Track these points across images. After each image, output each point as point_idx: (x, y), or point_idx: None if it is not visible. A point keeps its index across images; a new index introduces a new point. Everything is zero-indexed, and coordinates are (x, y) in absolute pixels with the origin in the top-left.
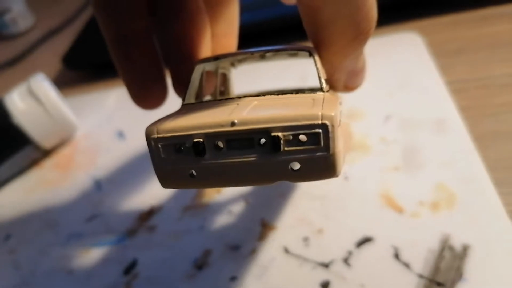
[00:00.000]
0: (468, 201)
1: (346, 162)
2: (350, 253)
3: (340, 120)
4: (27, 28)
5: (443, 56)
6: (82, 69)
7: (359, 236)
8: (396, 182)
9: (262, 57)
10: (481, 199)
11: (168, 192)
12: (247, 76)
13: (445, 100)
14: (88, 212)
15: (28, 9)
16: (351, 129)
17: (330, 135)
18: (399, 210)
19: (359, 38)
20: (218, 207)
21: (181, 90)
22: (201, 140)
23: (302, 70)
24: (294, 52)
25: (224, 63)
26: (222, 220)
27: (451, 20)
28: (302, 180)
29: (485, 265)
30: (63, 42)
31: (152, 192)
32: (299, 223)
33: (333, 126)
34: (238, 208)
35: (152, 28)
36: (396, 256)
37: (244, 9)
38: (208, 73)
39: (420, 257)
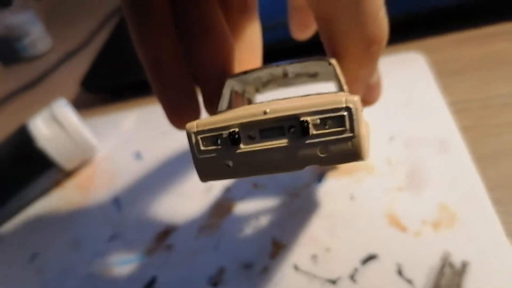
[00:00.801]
0: (468, 219)
1: (369, 153)
2: (356, 270)
3: (362, 110)
4: (46, 51)
5: (446, 76)
6: (100, 92)
7: (364, 254)
8: (400, 202)
9: (285, 75)
10: (481, 218)
11: (184, 211)
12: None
13: (447, 120)
14: (109, 232)
15: (46, 32)
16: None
17: (354, 117)
18: (403, 229)
19: (373, 47)
20: (231, 227)
21: (212, 107)
22: (236, 129)
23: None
24: (314, 64)
25: (249, 87)
26: (235, 239)
27: (455, 39)
28: (331, 163)
29: (483, 281)
30: (80, 63)
31: (169, 212)
32: (308, 241)
33: (356, 109)
34: (250, 227)
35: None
36: (400, 272)
37: (266, 29)
38: (236, 95)
39: (422, 273)
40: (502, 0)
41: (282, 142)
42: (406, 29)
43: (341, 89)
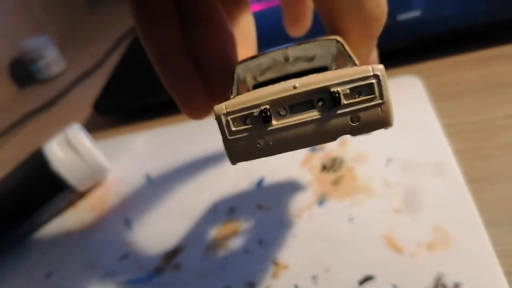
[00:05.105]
0: (461, 241)
1: None
2: None
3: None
4: (59, 72)
5: (442, 99)
6: (111, 114)
7: (362, 275)
8: (397, 224)
9: (286, 59)
10: (473, 239)
11: (191, 232)
12: None
13: (443, 143)
14: (121, 251)
15: (60, 54)
16: None
17: (382, 83)
18: (399, 250)
19: (373, 26)
20: (236, 247)
21: (219, 96)
22: (267, 107)
23: None
24: (319, 44)
25: (248, 75)
26: (239, 258)
27: (451, 62)
28: (363, 131)
29: None
30: (93, 85)
31: (177, 232)
32: (309, 262)
33: (384, 76)
34: (254, 247)
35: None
36: None
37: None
38: (240, 83)
39: None
40: (497, 24)
41: (314, 114)
42: (403, 53)
43: (354, 64)
